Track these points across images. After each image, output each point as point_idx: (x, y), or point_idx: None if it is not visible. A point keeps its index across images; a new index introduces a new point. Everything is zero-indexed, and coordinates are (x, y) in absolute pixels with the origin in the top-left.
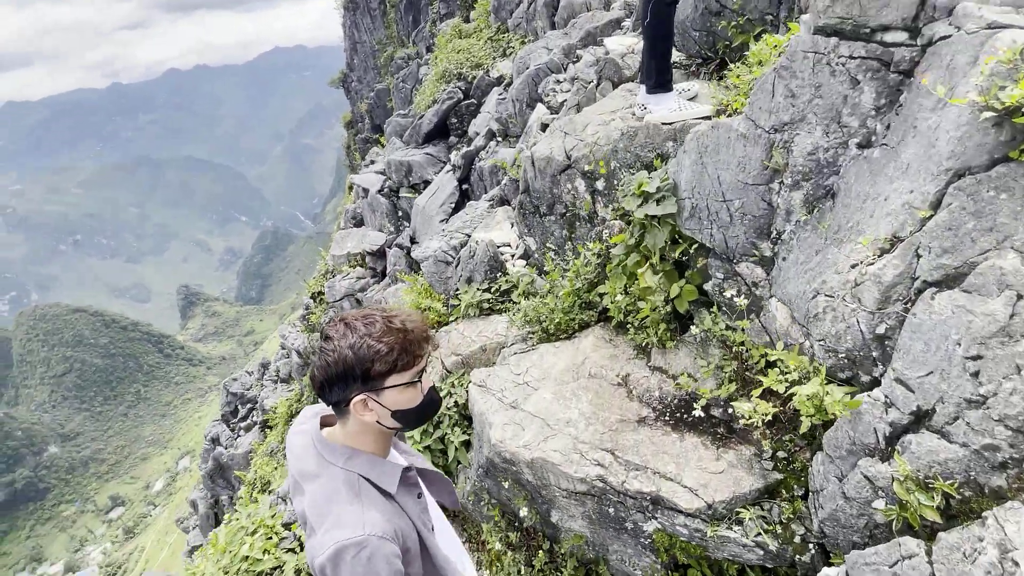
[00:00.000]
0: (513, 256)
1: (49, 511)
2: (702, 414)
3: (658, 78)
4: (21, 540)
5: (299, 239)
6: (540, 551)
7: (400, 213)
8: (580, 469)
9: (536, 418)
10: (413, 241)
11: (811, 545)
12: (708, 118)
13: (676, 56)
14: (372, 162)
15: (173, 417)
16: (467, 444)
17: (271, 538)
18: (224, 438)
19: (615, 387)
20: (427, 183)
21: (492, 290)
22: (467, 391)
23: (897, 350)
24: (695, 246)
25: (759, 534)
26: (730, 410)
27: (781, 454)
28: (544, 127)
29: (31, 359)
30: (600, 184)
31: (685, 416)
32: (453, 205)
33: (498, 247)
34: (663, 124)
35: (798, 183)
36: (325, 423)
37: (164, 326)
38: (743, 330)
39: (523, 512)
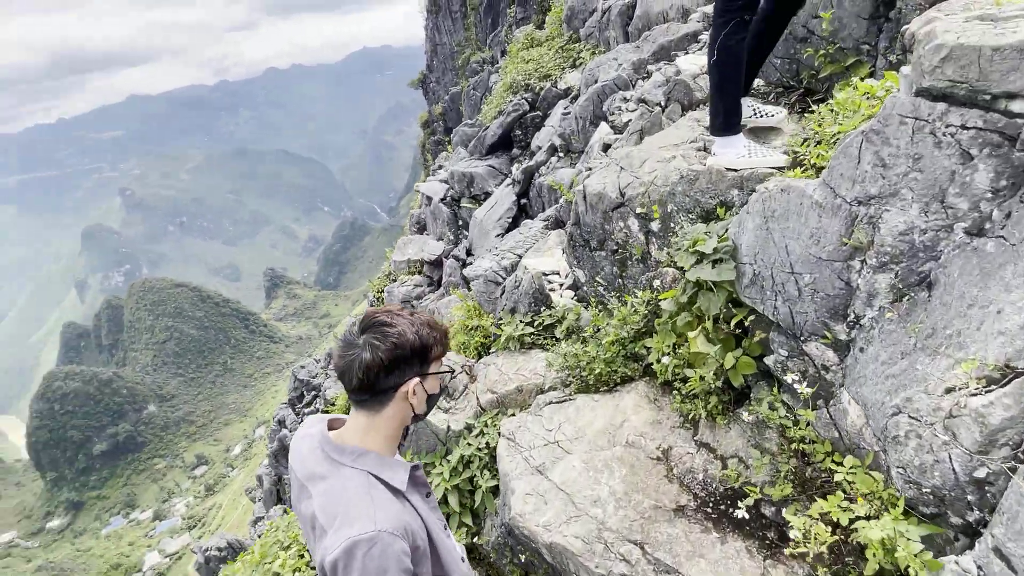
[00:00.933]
0: (561, 286)
1: (144, 463)
2: (747, 515)
3: (725, 119)
4: (119, 487)
5: (375, 230)
6: None
7: (460, 222)
8: (603, 563)
9: (561, 492)
10: (469, 253)
11: None
12: (781, 169)
13: (754, 82)
14: (440, 167)
15: (253, 389)
16: (495, 489)
17: (303, 555)
18: (289, 421)
19: (654, 462)
20: (488, 195)
21: (535, 324)
22: (499, 434)
23: (1000, 511)
24: (757, 315)
25: None
26: (784, 510)
27: None
28: (606, 148)
29: (139, 326)
30: (655, 225)
31: (730, 511)
32: (510, 220)
33: (546, 275)
34: (727, 170)
35: (885, 265)
36: (331, 427)
37: (251, 304)
38: (808, 422)
39: None
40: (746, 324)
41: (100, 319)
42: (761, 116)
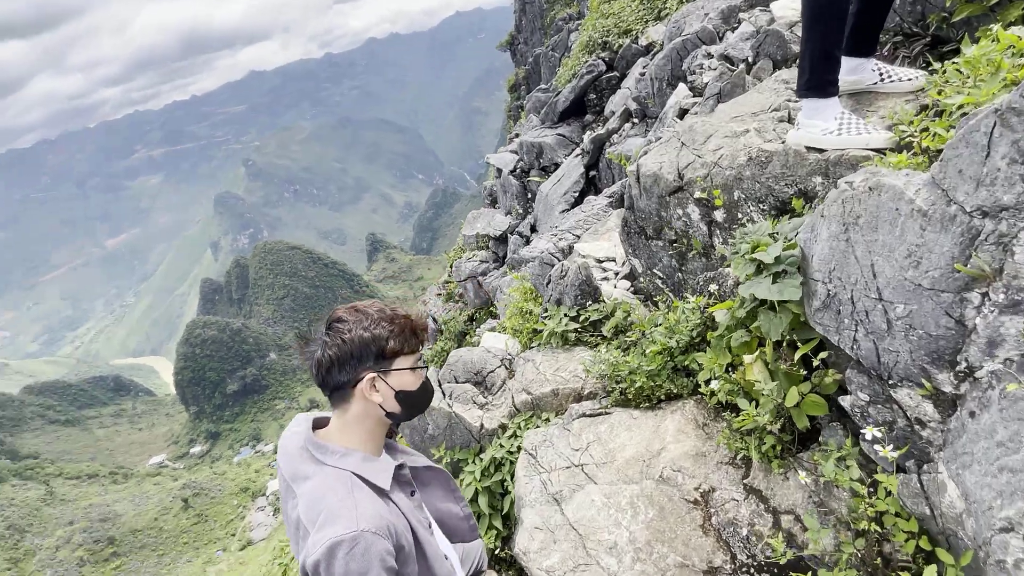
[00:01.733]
0: (617, 275)
1: (267, 403)
2: None
3: (812, 75)
4: (247, 422)
5: (464, 198)
6: None
7: (530, 195)
8: None
9: (574, 532)
10: (534, 230)
11: None
12: (881, 152)
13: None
14: (516, 135)
15: None
16: None
17: None
18: None
19: (689, 506)
20: (558, 166)
21: (580, 319)
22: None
23: None
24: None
25: None
26: None
27: None
28: (683, 113)
29: (261, 283)
30: (719, 215)
31: None
32: (577, 194)
33: (601, 262)
34: (808, 150)
35: (1018, 304)
36: (317, 425)
37: (354, 267)
38: (887, 491)
39: None
40: (815, 361)
41: (230, 276)
42: (891, 80)
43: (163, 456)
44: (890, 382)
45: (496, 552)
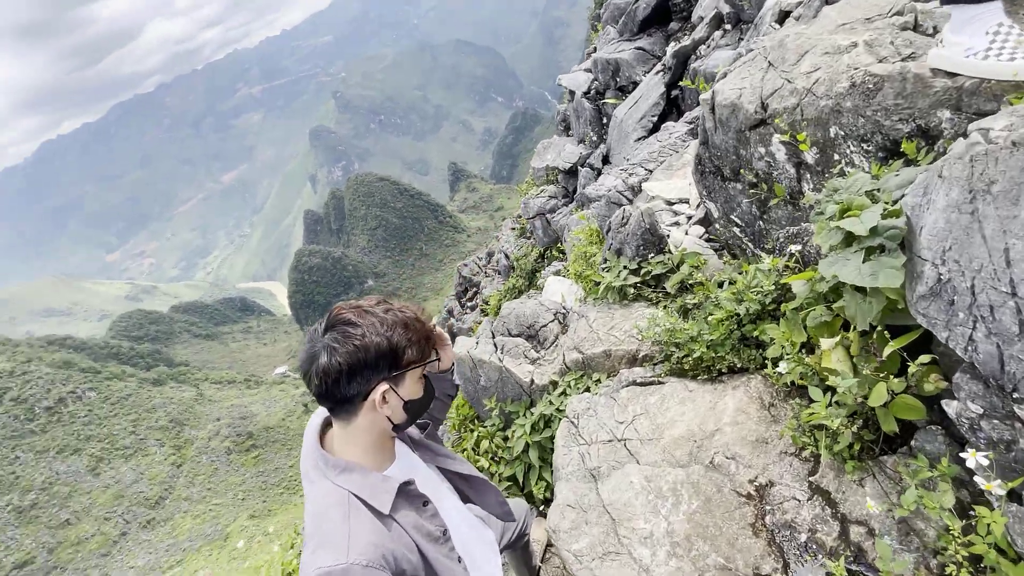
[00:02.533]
0: (690, 220)
1: None
2: None
3: None
4: None
5: (545, 120)
6: None
7: (605, 121)
8: None
9: (607, 515)
10: (606, 161)
11: None
12: None
13: None
14: (595, 49)
15: (443, 272)
16: None
17: None
18: (455, 312)
19: (740, 501)
20: (637, 86)
21: (641, 272)
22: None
23: None
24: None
25: None
26: None
27: None
28: (783, 17)
29: (356, 215)
30: (810, 156)
31: None
32: (655, 119)
33: (672, 204)
34: (932, 72)
35: None
36: (327, 424)
37: (438, 196)
38: (989, 527)
39: None
40: (912, 366)
41: (328, 208)
42: None
43: (285, 367)
44: (1015, 395)
45: (543, 508)
